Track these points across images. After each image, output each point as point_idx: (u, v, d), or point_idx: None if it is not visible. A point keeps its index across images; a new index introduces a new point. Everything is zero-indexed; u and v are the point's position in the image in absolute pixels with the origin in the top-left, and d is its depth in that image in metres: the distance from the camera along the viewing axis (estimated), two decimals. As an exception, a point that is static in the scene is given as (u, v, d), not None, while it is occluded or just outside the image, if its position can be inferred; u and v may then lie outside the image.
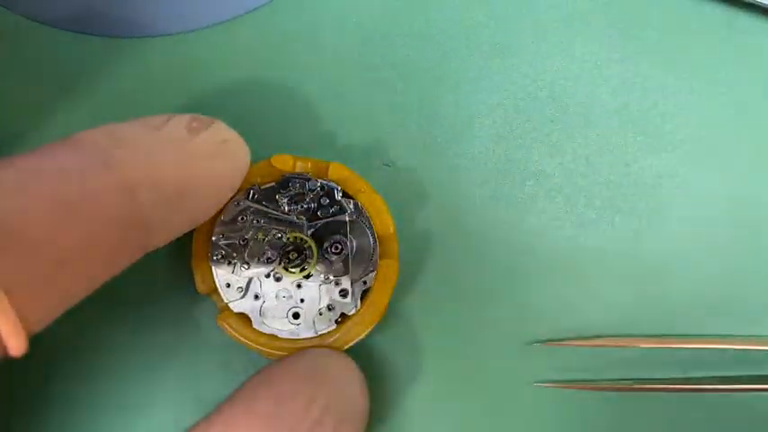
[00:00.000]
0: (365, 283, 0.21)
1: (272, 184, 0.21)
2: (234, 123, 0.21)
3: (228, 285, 0.20)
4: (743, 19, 0.24)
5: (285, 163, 0.21)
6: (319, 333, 0.20)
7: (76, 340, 0.22)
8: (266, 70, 0.23)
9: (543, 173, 0.23)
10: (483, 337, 0.23)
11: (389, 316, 0.22)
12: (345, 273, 0.21)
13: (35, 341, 0.14)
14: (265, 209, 0.21)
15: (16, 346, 0.14)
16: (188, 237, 0.20)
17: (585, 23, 0.24)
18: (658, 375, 0.22)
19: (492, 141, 0.23)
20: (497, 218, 0.23)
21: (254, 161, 0.20)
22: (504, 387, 0.23)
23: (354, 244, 0.21)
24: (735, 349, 0.22)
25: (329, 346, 0.20)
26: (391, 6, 0.23)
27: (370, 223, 0.21)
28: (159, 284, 0.22)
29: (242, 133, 0.19)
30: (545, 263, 0.23)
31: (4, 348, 0.14)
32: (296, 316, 0.21)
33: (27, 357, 0.14)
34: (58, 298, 0.14)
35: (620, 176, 0.23)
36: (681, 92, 0.24)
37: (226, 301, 0.20)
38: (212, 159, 0.18)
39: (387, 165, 0.23)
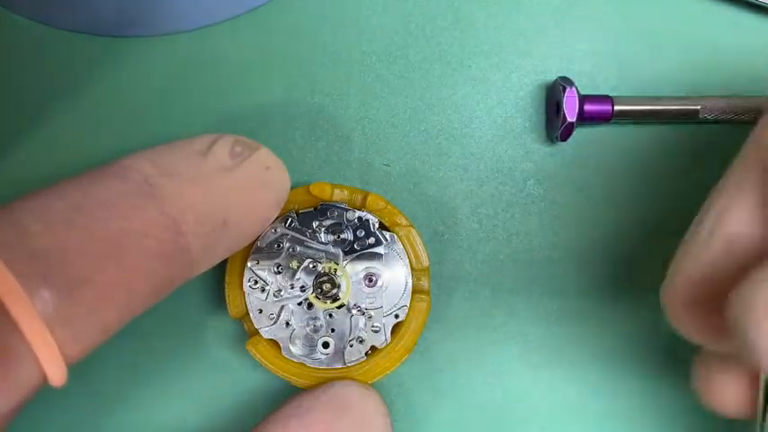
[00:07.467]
0: (397, 316, 0.21)
1: (311, 209, 0.21)
2: (233, 122, 0.21)
3: (260, 311, 0.20)
4: (746, 19, 0.23)
5: (323, 191, 0.21)
6: (348, 364, 0.20)
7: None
8: (266, 69, 0.23)
9: (544, 173, 0.23)
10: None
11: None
12: (378, 305, 0.20)
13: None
14: (302, 237, 0.20)
15: (56, 377, 0.14)
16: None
17: (585, 23, 0.23)
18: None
19: (492, 141, 0.23)
20: (497, 217, 0.23)
21: None
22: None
23: (388, 277, 0.21)
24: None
25: (357, 378, 0.20)
26: (390, 5, 0.23)
27: (405, 257, 0.21)
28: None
29: (240, 132, 0.19)
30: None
31: (45, 379, 0.14)
32: (326, 345, 0.20)
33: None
34: (99, 330, 0.14)
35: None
36: (681, 91, 0.23)
37: (257, 327, 0.20)
38: (255, 188, 0.18)
39: (386, 165, 0.22)
